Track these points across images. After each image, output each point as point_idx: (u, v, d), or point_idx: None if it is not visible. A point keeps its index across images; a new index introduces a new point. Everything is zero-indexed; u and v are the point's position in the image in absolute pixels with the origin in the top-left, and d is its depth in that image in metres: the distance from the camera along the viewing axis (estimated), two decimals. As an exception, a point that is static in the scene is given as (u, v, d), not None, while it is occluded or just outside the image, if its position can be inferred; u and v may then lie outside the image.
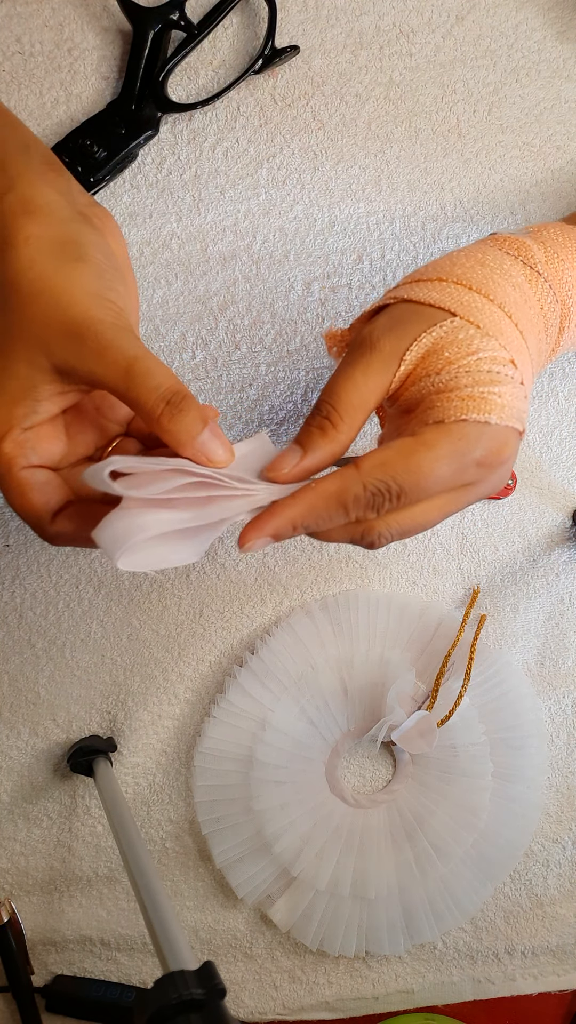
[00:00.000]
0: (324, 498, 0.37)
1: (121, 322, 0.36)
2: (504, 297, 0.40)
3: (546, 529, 0.57)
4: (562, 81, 0.55)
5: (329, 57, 0.53)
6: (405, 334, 0.39)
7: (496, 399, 0.38)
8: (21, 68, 0.52)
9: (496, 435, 0.38)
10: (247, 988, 0.59)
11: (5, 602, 0.56)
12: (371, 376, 0.39)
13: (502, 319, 0.40)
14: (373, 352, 0.39)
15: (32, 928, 0.58)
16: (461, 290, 0.40)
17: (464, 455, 0.37)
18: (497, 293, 0.40)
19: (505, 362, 0.39)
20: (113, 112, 0.52)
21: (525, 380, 0.40)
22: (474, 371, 0.38)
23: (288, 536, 0.37)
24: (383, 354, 0.39)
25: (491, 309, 0.39)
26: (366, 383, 0.39)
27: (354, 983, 0.59)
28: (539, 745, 0.58)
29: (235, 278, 0.54)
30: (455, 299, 0.40)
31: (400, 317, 0.40)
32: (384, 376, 0.39)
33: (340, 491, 0.37)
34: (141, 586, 0.56)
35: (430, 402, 0.38)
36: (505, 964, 0.60)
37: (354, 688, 0.56)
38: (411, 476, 0.37)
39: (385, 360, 0.39)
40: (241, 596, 0.57)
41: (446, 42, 0.54)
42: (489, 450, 0.38)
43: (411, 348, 0.39)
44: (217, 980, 0.33)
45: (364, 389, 0.39)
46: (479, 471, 0.38)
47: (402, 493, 0.37)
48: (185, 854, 0.58)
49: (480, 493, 0.39)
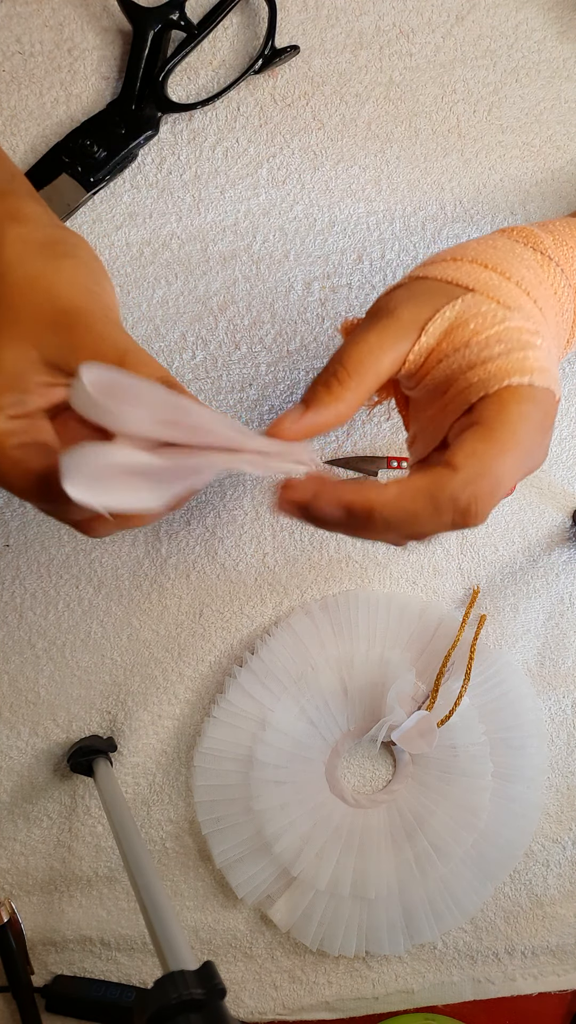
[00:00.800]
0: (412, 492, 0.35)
1: (112, 316, 0.36)
2: (520, 276, 0.39)
3: (546, 529, 0.57)
4: (562, 81, 0.55)
5: (329, 57, 0.53)
6: (424, 305, 0.38)
7: (533, 362, 0.36)
8: (21, 68, 0.52)
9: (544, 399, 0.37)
10: (247, 988, 0.59)
11: (5, 602, 0.56)
12: (386, 341, 0.37)
13: (521, 296, 0.39)
14: (390, 318, 0.38)
15: (32, 928, 0.58)
16: (477, 268, 0.39)
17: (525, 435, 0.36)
18: (513, 272, 0.39)
19: (532, 332, 0.38)
20: (113, 112, 0.52)
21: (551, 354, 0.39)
22: (504, 339, 0.37)
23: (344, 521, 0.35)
24: (401, 322, 0.38)
25: (509, 286, 0.39)
26: (380, 347, 0.37)
27: (354, 983, 0.59)
28: (539, 745, 0.58)
29: (235, 278, 0.54)
30: (472, 276, 0.39)
31: (418, 291, 0.39)
32: (401, 344, 0.38)
33: (438, 484, 0.35)
34: (141, 586, 0.56)
35: (466, 379, 0.37)
36: (505, 964, 0.60)
37: (354, 688, 0.56)
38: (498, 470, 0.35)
39: (403, 327, 0.38)
40: (241, 596, 0.57)
41: (446, 42, 0.54)
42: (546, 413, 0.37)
43: (433, 320, 0.37)
44: (217, 980, 0.33)
45: (378, 352, 0.37)
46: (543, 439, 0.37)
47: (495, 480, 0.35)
48: (185, 854, 0.58)
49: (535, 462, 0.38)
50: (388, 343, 0.37)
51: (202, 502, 0.55)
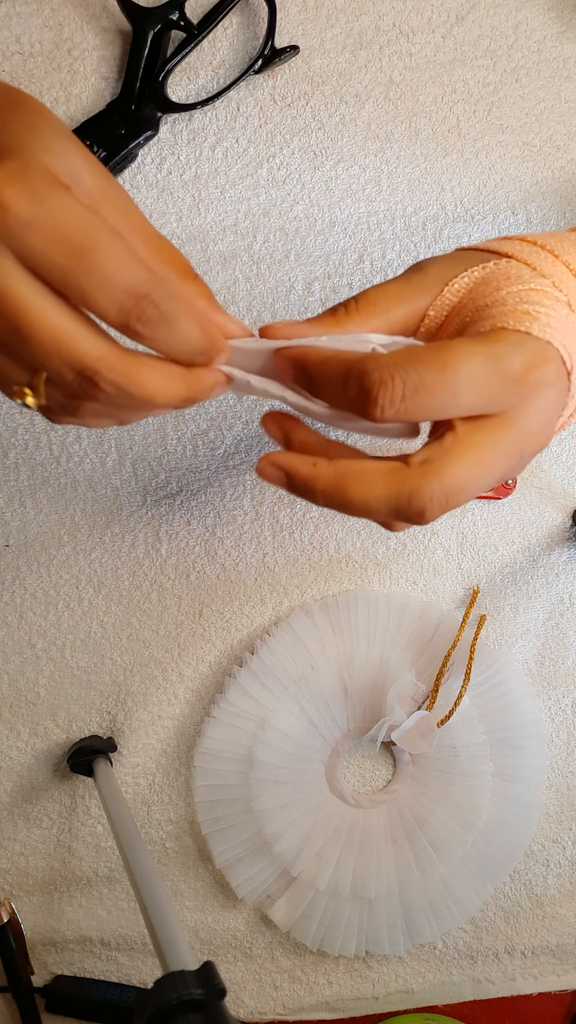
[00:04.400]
0: (337, 356, 0.34)
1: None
2: (570, 257, 0.37)
3: (546, 529, 0.57)
4: (562, 81, 0.55)
5: (329, 57, 0.53)
6: (456, 266, 0.37)
7: (541, 315, 0.35)
8: (21, 68, 0.52)
9: (538, 348, 0.34)
10: (247, 988, 0.59)
11: (5, 602, 0.56)
12: (407, 288, 0.37)
13: (563, 271, 0.37)
14: (417, 272, 0.38)
15: (32, 928, 0.58)
16: (525, 244, 0.38)
17: (500, 359, 0.33)
18: (562, 252, 0.37)
19: (556, 299, 0.35)
20: (113, 112, 0.52)
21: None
22: (524, 297, 0.35)
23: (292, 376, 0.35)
24: (427, 276, 0.37)
25: (553, 260, 0.37)
26: (398, 294, 0.37)
27: (354, 983, 0.59)
28: (539, 745, 0.58)
29: (235, 278, 0.54)
30: (515, 248, 0.37)
31: (456, 256, 0.38)
32: (421, 295, 0.37)
33: (357, 358, 0.33)
34: (141, 586, 0.56)
35: (471, 323, 0.36)
36: (505, 964, 0.60)
37: (354, 688, 0.56)
38: (438, 368, 0.32)
39: (427, 281, 0.37)
40: (241, 596, 0.57)
41: (446, 42, 0.54)
42: (529, 361, 0.34)
43: (460, 276, 0.37)
44: (217, 980, 0.33)
45: (394, 298, 0.37)
46: (517, 390, 0.34)
47: (422, 386, 0.32)
48: (185, 854, 0.58)
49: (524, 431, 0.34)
50: (407, 293, 0.37)
51: (202, 502, 0.56)
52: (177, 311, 0.32)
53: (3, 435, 0.54)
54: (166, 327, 0.32)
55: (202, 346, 0.34)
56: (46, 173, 0.30)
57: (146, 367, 0.33)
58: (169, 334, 0.32)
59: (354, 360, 0.33)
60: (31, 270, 0.30)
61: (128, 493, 0.55)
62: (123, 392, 0.32)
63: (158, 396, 0.33)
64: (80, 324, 0.32)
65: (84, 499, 0.55)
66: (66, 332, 0.31)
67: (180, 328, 0.32)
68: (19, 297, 0.30)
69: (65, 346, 0.31)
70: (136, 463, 0.55)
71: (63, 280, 0.30)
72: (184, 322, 0.32)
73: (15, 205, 0.29)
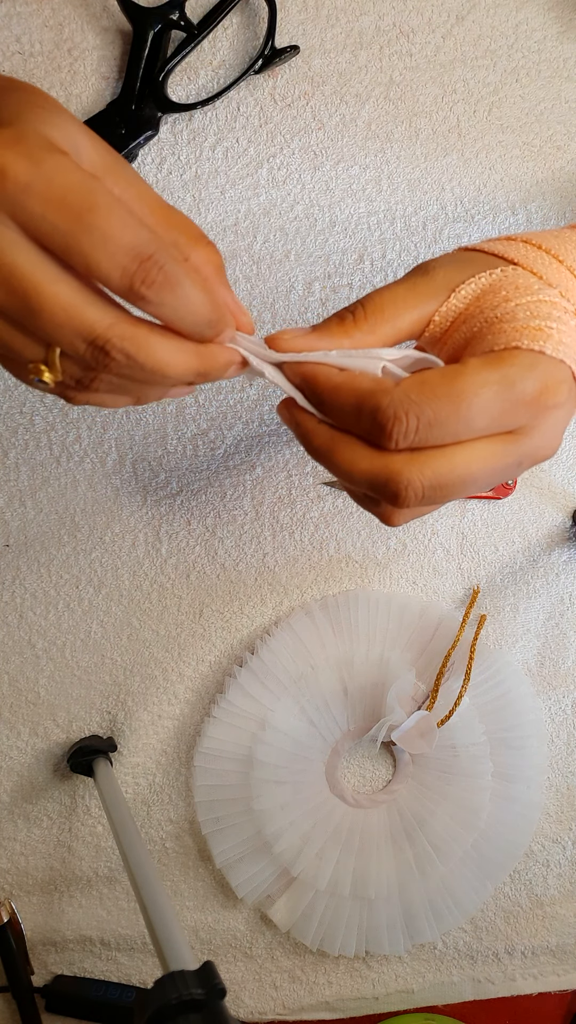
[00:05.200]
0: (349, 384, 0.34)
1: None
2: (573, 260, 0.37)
3: (546, 529, 0.57)
4: (562, 81, 0.54)
5: (329, 57, 0.53)
6: (462, 270, 0.37)
7: (553, 332, 0.34)
8: (21, 68, 0.52)
9: (551, 369, 0.34)
10: (247, 988, 0.59)
11: (5, 602, 0.56)
12: (414, 294, 0.36)
13: (569, 278, 0.37)
14: (424, 275, 0.37)
15: (32, 928, 0.58)
16: (529, 247, 0.38)
17: (514, 384, 0.33)
18: (566, 255, 0.37)
19: (566, 310, 0.36)
20: (113, 112, 0.52)
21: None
22: (534, 311, 0.35)
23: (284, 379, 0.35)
24: (434, 280, 0.37)
25: (558, 267, 0.37)
26: (405, 300, 0.36)
27: (354, 983, 0.59)
28: (539, 745, 0.58)
29: (236, 278, 0.54)
30: (519, 252, 0.37)
31: (460, 258, 0.38)
32: (428, 301, 0.36)
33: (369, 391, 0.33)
34: (141, 586, 0.56)
35: (481, 336, 0.35)
36: (505, 964, 0.60)
37: (354, 688, 0.56)
38: (451, 401, 0.32)
39: (434, 286, 0.36)
40: (241, 596, 0.57)
41: (446, 42, 0.54)
42: (543, 384, 0.34)
43: (467, 283, 0.36)
44: (217, 980, 0.33)
45: (401, 303, 0.36)
46: (530, 412, 0.34)
47: (436, 421, 0.32)
48: (185, 854, 0.58)
49: (530, 448, 0.35)
50: (414, 299, 0.36)
51: (202, 502, 0.56)
52: (183, 275, 0.31)
53: (3, 435, 0.54)
54: (171, 292, 0.31)
55: (210, 316, 0.33)
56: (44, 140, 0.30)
57: (157, 334, 0.32)
58: (175, 299, 0.31)
59: (367, 392, 0.33)
60: (34, 239, 0.30)
61: (128, 493, 0.55)
62: (134, 361, 0.32)
63: (169, 367, 0.32)
64: (88, 294, 0.31)
65: (84, 499, 0.55)
66: (74, 303, 0.31)
67: (187, 294, 0.31)
68: (25, 270, 0.30)
69: (75, 316, 0.30)
70: (136, 463, 0.55)
71: (64, 245, 0.29)
72: (190, 288, 0.31)
73: (12, 169, 0.28)
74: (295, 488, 0.56)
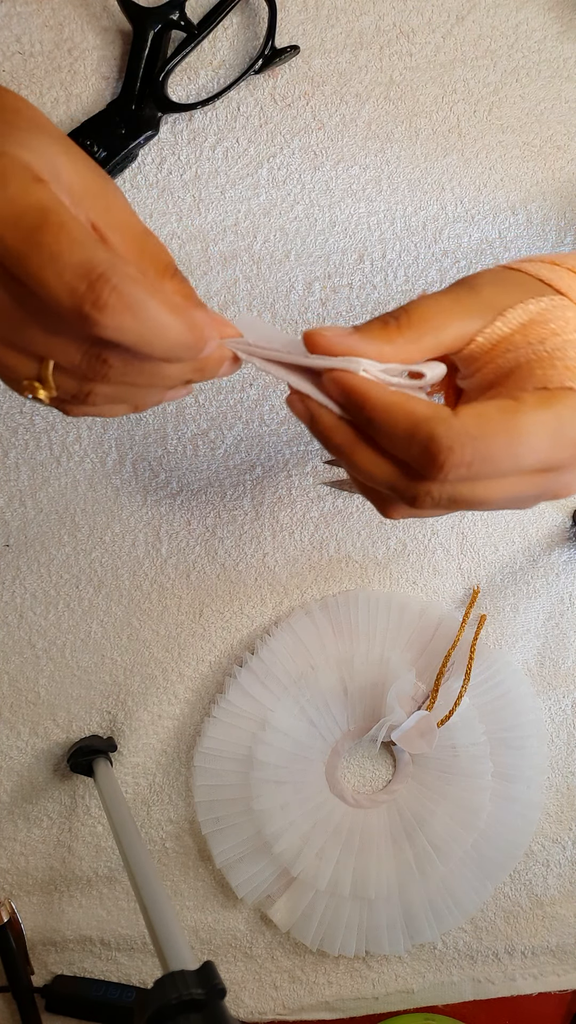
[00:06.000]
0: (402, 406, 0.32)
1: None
2: None
3: (546, 529, 0.57)
4: (562, 81, 0.54)
5: (329, 57, 0.53)
6: (510, 293, 0.36)
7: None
8: (21, 68, 0.52)
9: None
10: (247, 988, 0.59)
11: (5, 602, 0.56)
12: (459, 307, 0.35)
13: None
14: (472, 292, 0.36)
15: (32, 928, 0.58)
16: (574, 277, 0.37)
17: (564, 425, 0.33)
18: None
19: None
20: (113, 112, 0.52)
21: None
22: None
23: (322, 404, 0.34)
24: (481, 298, 0.36)
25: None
26: (451, 313, 0.35)
27: (354, 983, 0.59)
28: (539, 745, 0.58)
29: (236, 278, 0.54)
30: (566, 283, 0.37)
31: (507, 278, 0.37)
32: (472, 320, 0.35)
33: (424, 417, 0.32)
34: (141, 586, 0.56)
35: (529, 369, 0.35)
36: (505, 964, 0.60)
37: (354, 688, 0.56)
38: (507, 437, 0.32)
39: (482, 305, 0.35)
40: (241, 596, 0.57)
41: (446, 42, 0.54)
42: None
43: (515, 308, 0.35)
44: (217, 980, 0.33)
45: (447, 316, 0.35)
46: (569, 452, 0.33)
47: (490, 457, 0.32)
48: (185, 854, 0.58)
49: (555, 485, 0.35)
50: (460, 313, 0.35)
51: (202, 502, 0.56)
52: (144, 297, 0.28)
53: (3, 435, 0.54)
54: (132, 315, 0.28)
55: (183, 338, 0.30)
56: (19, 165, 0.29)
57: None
58: (138, 323, 0.28)
59: (422, 419, 0.32)
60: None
61: (128, 493, 0.55)
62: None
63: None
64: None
65: (84, 499, 0.55)
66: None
67: (151, 317, 0.29)
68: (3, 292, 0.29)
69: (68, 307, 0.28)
70: (136, 463, 0.55)
71: (15, 266, 0.28)
72: (156, 309, 0.29)
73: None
74: (295, 488, 0.56)
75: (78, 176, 0.32)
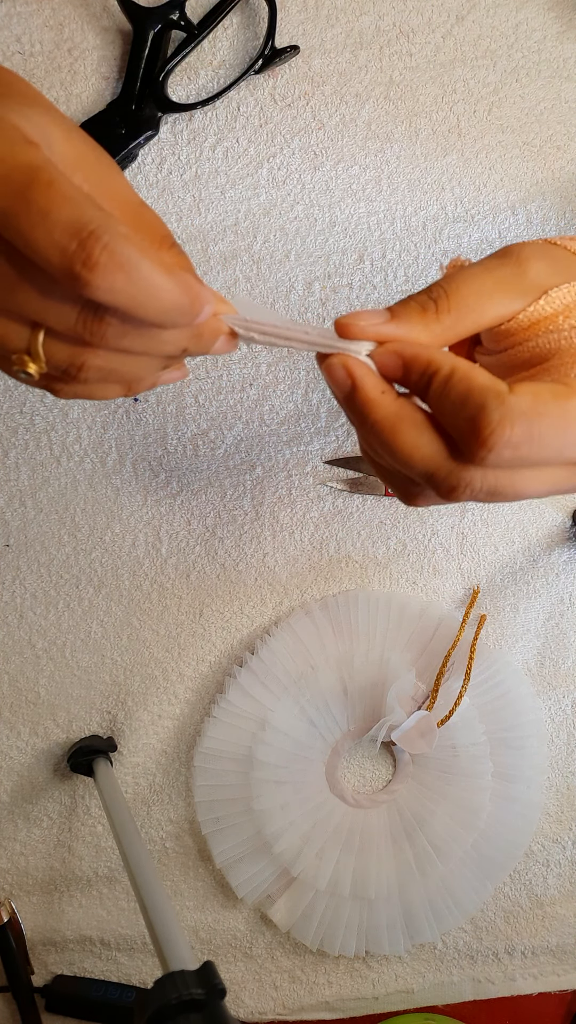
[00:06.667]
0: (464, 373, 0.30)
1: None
2: None
3: (546, 529, 0.57)
4: (562, 81, 0.55)
5: (329, 57, 0.53)
6: (558, 271, 0.34)
7: None
8: (21, 68, 0.52)
9: None
10: (247, 988, 0.59)
11: (5, 602, 0.56)
12: (501, 290, 0.33)
13: None
14: (516, 269, 0.34)
15: (32, 928, 0.58)
16: None
17: None
18: None
19: None
20: (113, 112, 0.52)
21: None
22: None
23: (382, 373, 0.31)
24: (526, 276, 0.34)
25: None
26: (492, 294, 0.33)
27: (354, 983, 0.59)
28: (539, 745, 0.58)
29: (236, 278, 0.54)
30: None
31: (553, 254, 0.35)
32: (516, 300, 0.33)
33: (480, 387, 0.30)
34: (141, 586, 0.56)
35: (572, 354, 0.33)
36: (505, 964, 0.60)
37: (354, 688, 0.56)
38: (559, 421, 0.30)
39: (526, 284, 0.34)
40: (241, 596, 0.57)
41: (446, 42, 0.54)
42: None
43: (560, 288, 0.33)
44: (217, 980, 0.33)
45: (487, 296, 0.33)
46: None
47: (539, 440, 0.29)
48: (185, 854, 0.58)
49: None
50: (503, 294, 0.33)
51: (202, 502, 0.56)
52: (137, 257, 0.27)
53: (3, 435, 0.54)
54: (125, 275, 0.27)
55: (178, 299, 0.28)
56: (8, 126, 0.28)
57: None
58: (131, 284, 0.27)
59: (477, 388, 0.30)
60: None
61: (128, 493, 0.55)
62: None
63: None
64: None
65: (84, 499, 0.55)
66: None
67: (144, 276, 0.27)
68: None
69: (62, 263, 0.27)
70: (136, 463, 0.55)
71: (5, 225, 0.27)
72: (149, 269, 0.27)
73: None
74: (295, 488, 0.56)
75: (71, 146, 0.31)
